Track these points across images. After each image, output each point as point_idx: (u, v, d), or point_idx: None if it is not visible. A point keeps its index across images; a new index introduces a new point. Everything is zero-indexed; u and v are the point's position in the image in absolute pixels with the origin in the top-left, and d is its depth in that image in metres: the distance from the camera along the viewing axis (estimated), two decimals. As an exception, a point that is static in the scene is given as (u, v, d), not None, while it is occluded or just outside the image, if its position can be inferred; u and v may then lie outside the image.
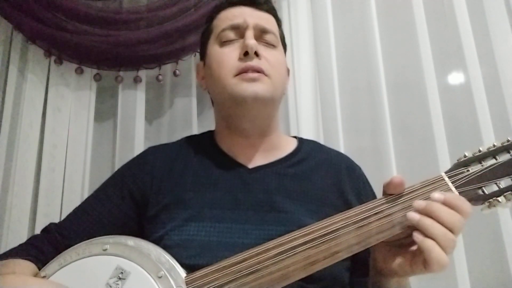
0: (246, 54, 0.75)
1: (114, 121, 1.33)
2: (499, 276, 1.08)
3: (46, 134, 1.26)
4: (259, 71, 0.74)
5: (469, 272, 1.08)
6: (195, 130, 1.27)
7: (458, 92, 1.24)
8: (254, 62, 0.75)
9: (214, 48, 0.81)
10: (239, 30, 0.79)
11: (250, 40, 0.76)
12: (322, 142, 1.19)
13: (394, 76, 1.26)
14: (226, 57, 0.77)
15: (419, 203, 0.56)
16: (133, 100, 1.30)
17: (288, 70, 0.90)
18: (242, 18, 0.79)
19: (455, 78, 1.27)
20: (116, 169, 0.94)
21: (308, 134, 1.20)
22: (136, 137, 1.27)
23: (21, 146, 1.23)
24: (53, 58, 1.28)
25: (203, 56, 0.88)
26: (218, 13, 0.84)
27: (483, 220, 1.10)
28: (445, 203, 0.55)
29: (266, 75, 0.75)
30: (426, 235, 0.54)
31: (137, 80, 1.30)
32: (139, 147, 1.26)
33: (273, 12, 0.86)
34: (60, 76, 1.30)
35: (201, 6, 1.24)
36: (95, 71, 1.30)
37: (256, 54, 0.75)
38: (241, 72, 0.75)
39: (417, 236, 0.55)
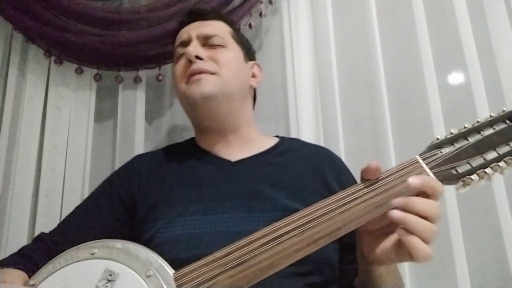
0: (190, 61, 0.84)
1: (114, 121, 1.33)
2: (499, 276, 1.08)
3: (46, 134, 1.26)
4: (202, 71, 0.82)
5: (469, 272, 1.07)
6: (195, 130, 1.27)
7: (458, 92, 1.24)
8: (197, 65, 0.83)
9: (173, 66, 0.93)
10: (187, 45, 0.88)
11: (189, 48, 0.85)
12: (322, 142, 1.20)
13: (394, 76, 1.26)
14: (178, 67, 0.88)
15: (398, 200, 0.57)
16: (133, 100, 1.30)
17: (258, 65, 0.98)
18: (187, 34, 0.91)
19: (455, 78, 1.26)
20: (116, 169, 0.95)
21: (308, 134, 1.20)
22: (136, 137, 1.27)
23: (21, 146, 1.23)
24: (53, 58, 1.28)
25: None
26: (176, 35, 0.96)
27: (483, 220, 1.10)
28: (424, 187, 0.57)
29: (212, 73, 0.83)
30: (409, 231, 0.55)
31: (137, 80, 1.30)
32: (139, 147, 1.26)
33: (220, 18, 0.96)
34: (60, 76, 1.29)
35: (201, 6, 1.24)
36: (95, 71, 1.30)
37: (199, 58, 0.84)
38: (188, 77, 0.84)
39: (401, 233, 0.56)
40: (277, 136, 0.96)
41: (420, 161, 0.62)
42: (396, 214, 0.56)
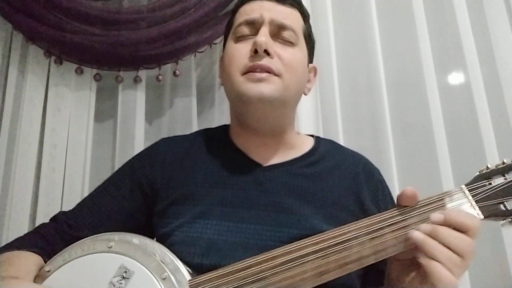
0: (256, 52, 0.71)
1: (114, 121, 1.33)
2: (499, 276, 1.08)
3: (46, 134, 1.26)
4: (268, 70, 0.71)
5: (469, 272, 1.08)
6: (195, 130, 1.27)
7: (458, 92, 1.24)
8: (263, 61, 0.71)
9: (229, 44, 0.78)
10: (254, 26, 0.75)
11: (260, 37, 0.71)
12: (322, 142, 1.20)
13: (394, 75, 1.26)
14: (238, 53, 0.74)
15: (425, 227, 0.54)
16: (133, 100, 1.30)
17: (315, 70, 0.87)
18: (259, 13, 0.75)
19: (455, 78, 1.27)
20: (116, 169, 0.94)
21: (308, 134, 1.20)
22: (136, 137, 1.27)
23: (21, 146, 1.23)
24: (53, 58, 1.28)
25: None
26: (240, 7, 0.81)
27: (483, 221, 1.10)
28: (446, 223, 0.53)
29: (276, 74, 0.72)
30: (429, 257, 0.52)
31: (137, 80, 1.30)
32: (139, 147, 1.25)
33: (297, 6, 0.81)
34: (60, 76, 1.30)
35: (201, 6, 1.24)
36: (95, 71, 1.30)
37: (267, 52, 0.71)
38: (249, 70, 0.72)
39: (420, 257, 0.53)
40: (312, 136, 0.88)
41: (466, 192, 0.58)
42: (415, 234, 0.53)
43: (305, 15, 0.82)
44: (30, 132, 1.25)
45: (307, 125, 1.23)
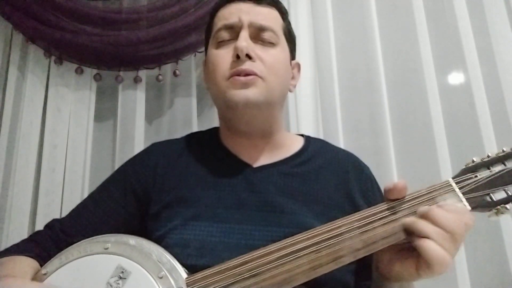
0: (238, 57, 0.72)
1: (114, 121, 1.33)
2: (499, 276, 1.08)
3: (46, 134, 1.26)
4: (251, 74, 0.72)
5: (469, 272, 1.08)
6: (195, 130, 1.27)
7: (458, 92, 1.24)
8: (246, 66, 0.72)
9: (211, 49, 0.79)
10: (234, 30, 0.76)
11: (241, 42, 0.72)
12: (322, 142, 1.20)
13: (394, 75, 1.26)
14: (220, 59, 0.75)
15: (421, 209, 0.56)
16: (133, 100, 1.30)
17: (298, 66, 0.88)
18: (237, 16, 0.76)
19: (455, 78, 1.27)
20: (116, 169, 0.94)
21: (308, 133, 1.20)
22: (136, 137, 1.27)
23: (21, 146, 1.23)
24: (53, 58, 1.28)
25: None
26: (218, 10, 0.81)
27: (483, 220, 1.10)
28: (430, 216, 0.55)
29: (260, 77, 0.72)
30: (420, 236, 0.54)
31: (137, 80, 1.30)
32: (139, 147, 1.26)
33: (274, 5, 0.81)
34: (60, 76, 1.30)
35: (201, 6, 1.24)
36: (95, 71, 1.30)
37: (249, 56, 0.72)
38: (233, 75, 0.72)
39: (414, 240, 0.55)
40: (302, 135, 0.89)
41: (453, 184, 0.59)
42: (404, 219, 0.56)
43: (283, 13, 0.83)
44: (30, 132, 1.25)
45: (307, 125, 1.23)
